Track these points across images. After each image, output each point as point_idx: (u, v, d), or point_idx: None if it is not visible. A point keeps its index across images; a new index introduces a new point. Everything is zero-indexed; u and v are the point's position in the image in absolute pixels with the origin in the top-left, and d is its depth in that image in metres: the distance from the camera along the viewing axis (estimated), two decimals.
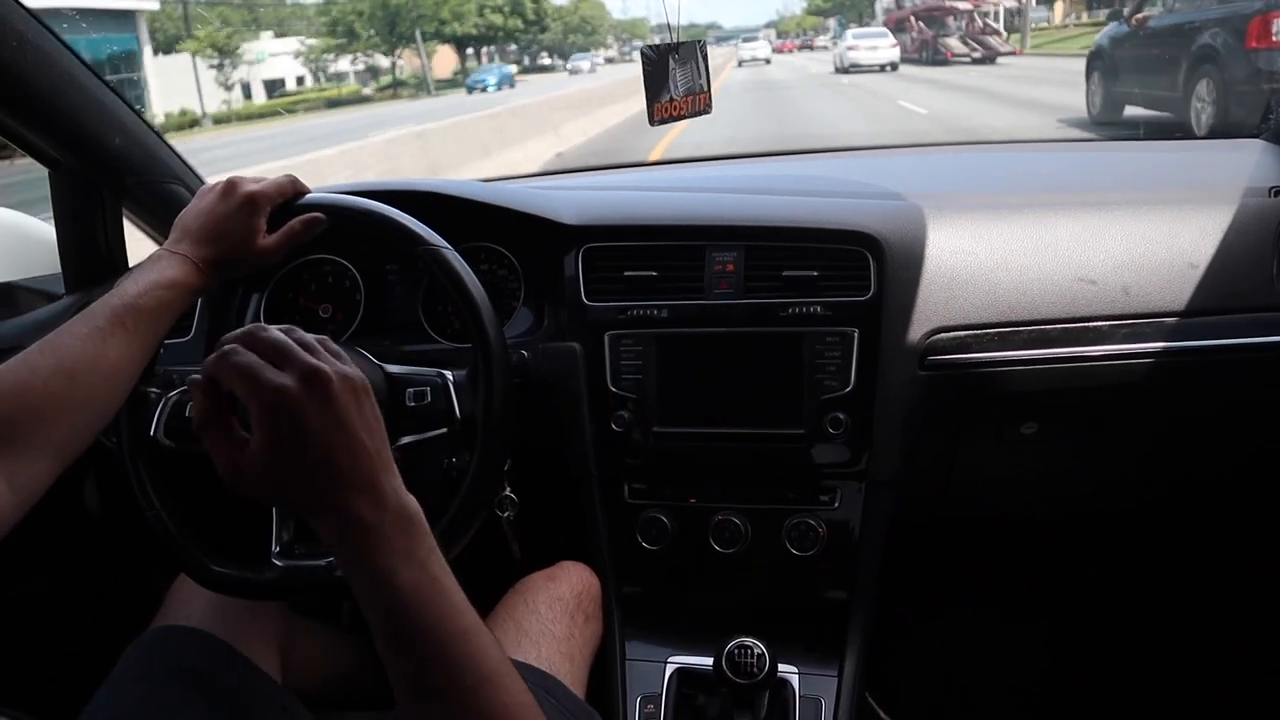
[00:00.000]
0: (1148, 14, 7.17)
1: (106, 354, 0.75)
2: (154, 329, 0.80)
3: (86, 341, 0.74)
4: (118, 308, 0.77)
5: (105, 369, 0.75)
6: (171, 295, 0.81)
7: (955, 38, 22.26)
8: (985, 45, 21.20)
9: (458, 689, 0.54)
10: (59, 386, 0.71)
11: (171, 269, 0.82)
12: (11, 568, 1.18)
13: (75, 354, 0.73)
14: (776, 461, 1.13)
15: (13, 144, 1.11)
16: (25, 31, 1.00)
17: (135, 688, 0.88)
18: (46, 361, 0.72)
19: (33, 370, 0.71)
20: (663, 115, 1.08)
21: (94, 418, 0.76)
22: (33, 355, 0.72)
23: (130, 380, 0.79)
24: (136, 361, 0.79)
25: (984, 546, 1.58)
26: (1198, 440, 1.31)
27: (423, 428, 0.90)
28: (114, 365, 0.76)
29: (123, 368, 0.77)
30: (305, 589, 0.92)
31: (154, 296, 0.79)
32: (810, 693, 1.10)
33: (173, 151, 1.29)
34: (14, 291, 1.34)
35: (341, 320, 1.25)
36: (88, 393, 0.73)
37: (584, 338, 1.13)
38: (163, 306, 0.80)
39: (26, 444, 0.69)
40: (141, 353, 0.79)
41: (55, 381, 0.71)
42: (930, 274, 1.11)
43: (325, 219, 0.91)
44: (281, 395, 0.55)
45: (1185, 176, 1.44)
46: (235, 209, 0.86)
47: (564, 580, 1.10)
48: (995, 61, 20.26)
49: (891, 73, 20.83)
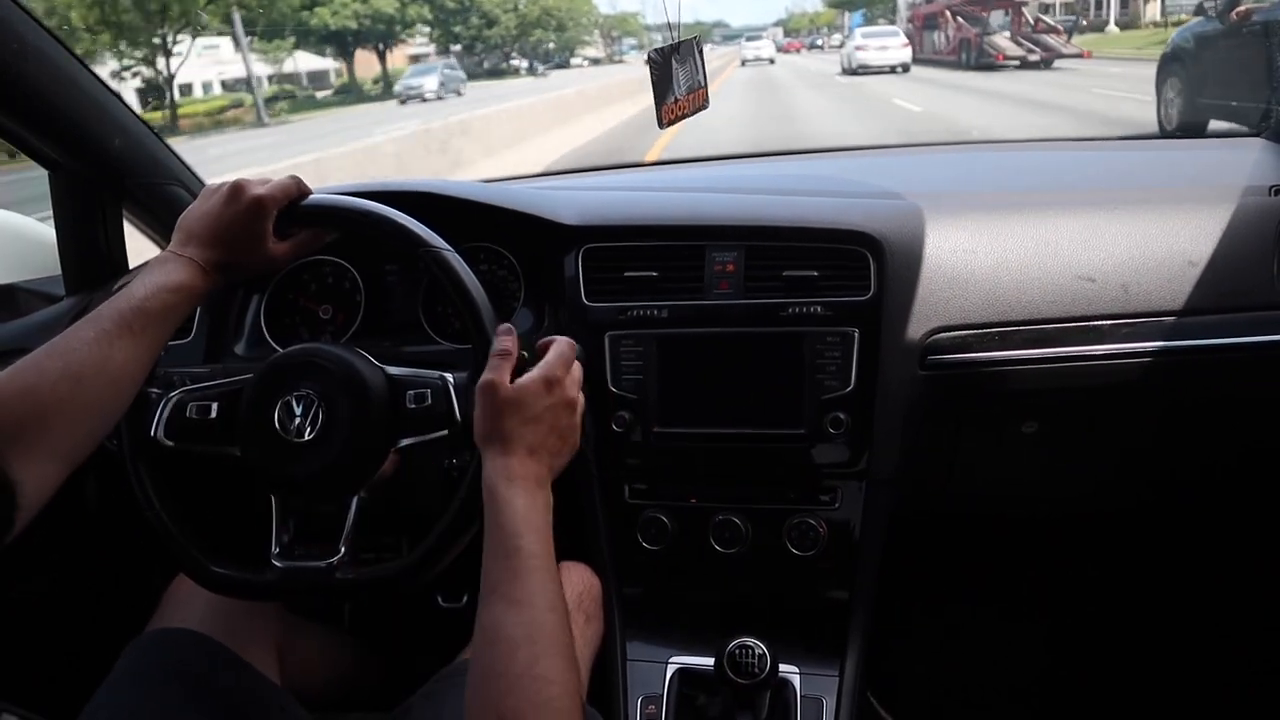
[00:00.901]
0: (1251, 6, 5.59)
1: (113, 357, 0.75)
2: (160, 332, 0.80)
3: (93, 345, 0.74)
4: (125, 311, 0.77)
5: (112, 372, 0.75)
6: (178, 299, 0.81)
7: (1004, 36, 19.22)
8: (1042, 45, 18.31)
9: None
10: (66, 390, 0.71)
11: (178, 272, 0.82)
12: (12, 568, 1.18)
13: (82, 358, 0.73)
14: (777, 461, 1.13)
15: (13, 146, 1.11)
16: (25, 34, 1.00)
17: (133, 689, 0.88)
18: (54, 365, 0.72)
19: (40, 373, 0.71)
20: (670, 116, 1.09)
21: (100, 421, 0.76)
22: (40, 359, 0.72)
23: (135, 384, 0.79)
24: (142, 364, 0.79)
25: (985, 546, 1.58)
26: (1198, 440, 1.30)
27: (423, 429, 0.90)
28: (120, 368, 0.76)
29: (129, 371, 0.77)
30: (304, 590, 0.92)
31: (160, 300, 0.80)
32: (811, 693, 1.10)
33: (173, 153, 1.29)
34: (14, 293, 1.34)
35: (342, 321, 1.25)
36: (94, 396, 0.74)
37: (584, 338, 1.13)
38: (169, 310, 0.81)
39: (34, 447, 0.69)
40: (147, 355, 0.80)
41: (63, 385, 0.71)
42: (930, 273, 1.11)
43: (334, 230, 0.92)
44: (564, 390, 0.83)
45: (1185, 175, 1.44)
46: (242, 212, 0.86)
47: (564, 581, 1.10)
48: (1052, 66, 17.67)
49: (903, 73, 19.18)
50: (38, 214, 1.42)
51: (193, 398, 0.94)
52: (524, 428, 0.78)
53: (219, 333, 1.22)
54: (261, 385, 0.91)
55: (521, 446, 0.78)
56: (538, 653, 0.68)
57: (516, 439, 0.78)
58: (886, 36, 21.34)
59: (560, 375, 0.82)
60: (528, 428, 0.78)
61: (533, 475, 0.77)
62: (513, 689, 0.66)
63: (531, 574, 0.72)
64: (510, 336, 0.84)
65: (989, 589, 1.65)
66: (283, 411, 0.89)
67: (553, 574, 0.73)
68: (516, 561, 0.72)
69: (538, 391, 0.80)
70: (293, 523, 0.93)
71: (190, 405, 0.94)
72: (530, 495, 0.76)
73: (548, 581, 0.72)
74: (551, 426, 0.80)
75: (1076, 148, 1.85)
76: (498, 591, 0.71)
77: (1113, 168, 1.56)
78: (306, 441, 0.88)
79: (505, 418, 0.78)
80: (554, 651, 0.69)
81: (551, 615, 0.71)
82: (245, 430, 0.90)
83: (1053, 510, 1.49)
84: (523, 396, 0.79)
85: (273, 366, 0.92)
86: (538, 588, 0.71)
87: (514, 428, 0.78)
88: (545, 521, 0.76)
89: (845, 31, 42.63)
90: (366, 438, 0.89)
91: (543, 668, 0.67)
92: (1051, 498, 1.42)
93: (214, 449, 0.93)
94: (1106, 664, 1.56)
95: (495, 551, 0.73)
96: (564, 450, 0.83)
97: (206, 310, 1.21)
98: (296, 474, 0.89)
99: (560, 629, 0.71)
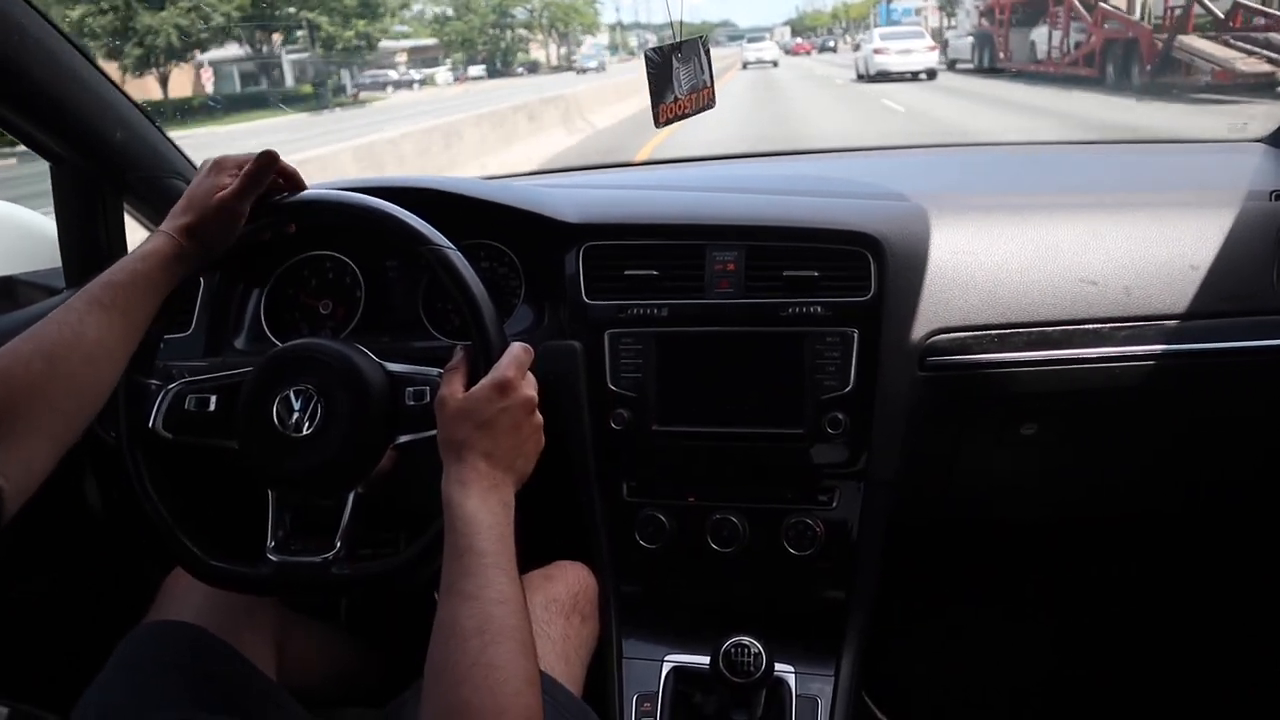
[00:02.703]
0: None
1: (85, 333, 0.76)
2: (133, 303, 0.81)
3: (63, 324, 0.76)
4: (92, 287, 0.79)
5: (86, 348, 0.76)
6: (145, 266, 0.82)
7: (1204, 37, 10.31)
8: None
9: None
10: (40, 369, 0.73)
11: (148, 244, 0.84)
12: (12, 567, 1.18)
13: (54, 336, 0.75)
14: (775, 461, 1.13)
15: (15, 138, 1.11)
16: (27, 25, 1.00)
17: (127, 681, 0.88)
18: (25, 347, 0.73)
19: (14, 356, 0.73)
20: (668, 116, 1.08)
21: (82, 400, 0.77)
22: (15, 342, 0.74)
23: (114, 359, 0.80)
24: (119, 339, 0.80)
25: (982, 548, 1.58)
26: (1197, 443, 1.30)
27: (420, 427, 0.89)
28: (94, 343, 0.77)
29: (104, 345, 0.78)
30: (299, 585, 0.92)
31: (128, 270, 0.81)
32: (807, 692, 1.10)
33: (174, 146, 1.29)
34: (14, 285, 1.34)
35: (342, 317, 1.25)
36: (69, 372, 0.74)
37: (584, 336, 1.13)
38: (139, 278, 0.81)
39: (16, 427, 0.70)
40: (124, 329, 0.80)
41: (36, 364, 0.73)
42: (931, 274, 1.11)
43: (300, 182, 0.92)
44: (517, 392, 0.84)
45: (1187, 179, 1.44)
46: (203, 174, 0.88)
47: (560, 580, 1.10)
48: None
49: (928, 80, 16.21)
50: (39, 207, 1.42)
51: (191, 390, 0.94)
52: (477, 434, 0.81)
53: (219, 327, 1.22)
54: (260, 379, 0.91)
55: (475, 453, 0.80)
56: (486, 641, 0.69)
57: (470, 446, 0.80)
58: (909, 38, 18.91)
59: (512, 377, 0.83)
60: (480, 433, 0.81)
61: (486, 479, 0.79)
62: (464, 679, 0.67)
63: (484, 570, 0.74)
64: (461, 351, 0.88)
65: (987, 591, 1.65)
66: (281, 406, 0.89)
67: (506, 570, 0.75)
68: (469, 560, 0.74)
69: (488, 397, 0.82)
70: (289, 517, 0.93)
71: (189, 397, 0.94)
72: (483, 498, 0.78)
73: (499, 576, 0.74)
74: (509, 429, 0.82)
75: (1078, 150, 1.85)
76: (452, 589, 0.73)
77: (1115, 171, 1.57)
78: (304, 436, 0.88)
79: (457, 427, 0.81)
80: (503, 639, 0.70)
81: (502, 606, 0.72)
82: (243, 423, 0.90)
83: (1051, 513, 1.49)
84: (472, 405, 0.82)
85: (272, 360, 0.92)
86: (487, 581, 0.73)
87: (466, 435, 0.81)
88: (499, 522, 0.78)
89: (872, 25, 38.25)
90: (365, 434, 0.89)
91: (490, 655, 0.68)
92: (1050, 501, 1.42)
93: (212, 442, 0.93)
94: (1105, 668, 1.56)
95: (450, 553, 0.76)
96: (526, 450, 0.85)
97: (206, 305, 1.21)
98: (293, 468, 0.89)
99: (510, 618, 0.72)
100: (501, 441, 0.82)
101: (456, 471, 0.80)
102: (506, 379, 0.83)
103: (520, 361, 0.86)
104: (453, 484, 0.79)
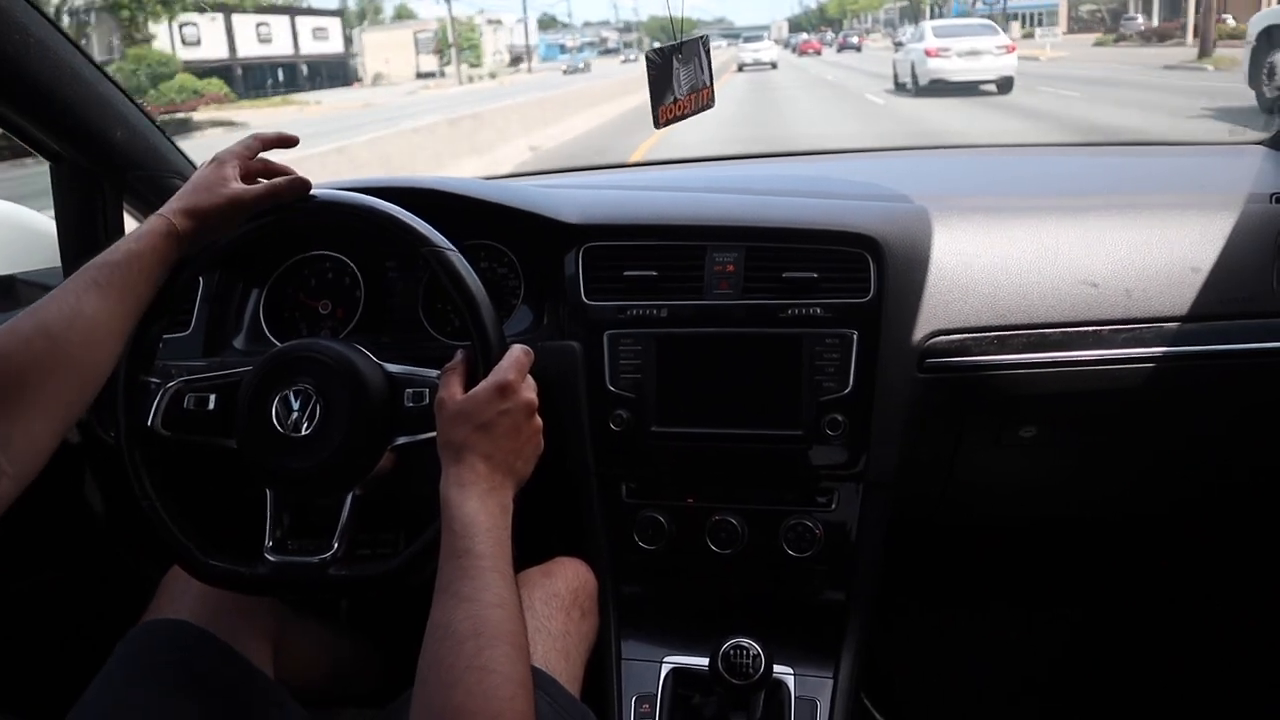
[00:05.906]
0: None
1: (82, 311, 0.77)
2: (129, 282, 0.82)
3: (62, 302, 0.77)
4: (89, 267, 0.80)
5: (84, 326, 0.77)
6: (140, 246, 0.83)
7: None
8: None
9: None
10: (41, 346, 0.73)
11: (145, 225, 0.85)
12: (11, 565, 1.18)
13: (53, 314, 0.76)
14: (774, 462, 1.13)
15: (15, 137, 1.11)
16: (29, 25, 1.00)
17: (126, 681, 0.88)
18: (25, 324, 0.74)
19: (14, 334, 0.73)
20: (668, 117, 1.09)
21: (81, 378, 0.77)
22: (15, 321, 0.75)
23: (112, 338, 0.80)
24: (116, 317, 0.80)
25: (981, 550, 1.58)
26: (1197, 446, 1.30)
27: (419, 429, 0.89)
28: (92, 321, 0.77)
29: (102, 323, 0.79)
30: (296, 585, 0.92)
31: (124, 250, 0.82)
32: (806, 694, 1.09)
33: (174, 145, 1.29)
34: (14, 285, 1.34)
35: (341, 317, 1.25)
36: (68, 350, 0.75)
37: (583, 337, 1.13)
38: (134, 257, 0.82)
39: (18, 404, 0.71)
40: (120, 308, 0.81)
41: (37, 342, 0.73)
42: (930, 276, 1.11)
43: (310, 185, 0.93)
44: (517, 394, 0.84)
45: (1187, 181, 1.44)
46: (205, 166, 0.91)
47: (560, 576, 1.10)
48: None
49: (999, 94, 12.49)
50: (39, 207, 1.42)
51: (191, 388, 0.94)
52: (476, 435, 0.81)
53: (218, 327, 1.22)
54: (259, 378, 0.91)
55: (474, 454, 0.80)
56: (482, 645, 0.69)
57: (469, 447, 0.80)
58: (978, 34, 13.24)
59: (512, 379, 0.84)
60: (479, 435, 0.81)
61: (484, 481, 0.80)
62: (458, 681, 0.67)
63: (481, 573, 0.73)
64: (461, 353, 0.88)
65: (985, 592, 1.65)
66: (280, 405, 0.89)
67: (503, 574, 0.75)
68: (466, 562, 0.74)
69: (488, 399, 0.82)
70: (287, 517, 0.93)
71: (188, 396, 0.94)
72: (481, 500, 0.78)
73: (496, 579, 0.74)
74: (508, 431, 0.82)
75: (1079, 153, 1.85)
76: (448, 590, 0.73)
77: (1115, 173, 1.57)
78: (303, 436, 0.88)
79: (456, 428, 0.81)
80: (499, 643, 0.69)
81: (498, 610, 0.71)
82: (242, 423, 0.90)
83: (1051, 515, 1.49)
84: (472, 406, 0.82)
85: (271, 360, 0.92)
86: (485, 584, 0.73)
87: (466, 436, 0.81)
88: (497, 525, 0.78)
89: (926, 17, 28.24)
90: (363, 434, 0.89)
91: (485, 658, 0.68)
92: (1049, 502, 1.42)
93: (211, 440, 0.93)
94: (1104, 667, 1.56)
95: (447, 554, 0.76)
96: (525, 452, 0.85)
97: (206, 304, 1.21)
98: (292, 468, 0.89)
99: (506, 622, 0.71)
100: (501, 444, 0.82)
101: (455, 473, 0.80)
102: (507, 381, 0.83)
103: (521, 364, 0.86)
104: (451, 486, 0.79)
